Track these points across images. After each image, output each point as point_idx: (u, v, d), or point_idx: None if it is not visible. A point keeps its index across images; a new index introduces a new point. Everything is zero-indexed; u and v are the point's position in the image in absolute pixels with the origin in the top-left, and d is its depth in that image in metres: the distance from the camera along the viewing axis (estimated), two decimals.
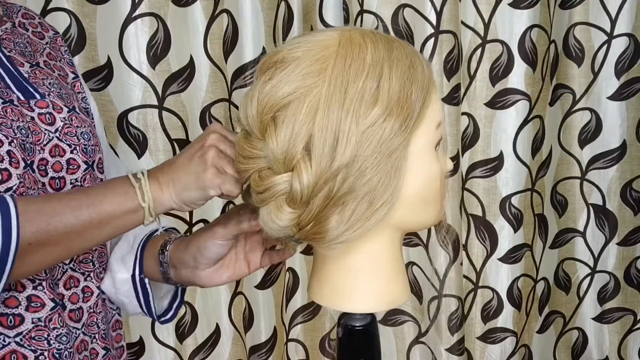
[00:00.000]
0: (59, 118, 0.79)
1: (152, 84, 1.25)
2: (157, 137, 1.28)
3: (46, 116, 0.78)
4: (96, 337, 0.83)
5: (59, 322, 0.77)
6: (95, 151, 0.83)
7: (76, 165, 0.80)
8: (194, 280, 0.83)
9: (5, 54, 0.79)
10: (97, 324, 0.83)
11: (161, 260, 0.84)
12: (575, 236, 1.62)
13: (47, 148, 0.77)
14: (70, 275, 0.80)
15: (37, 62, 0.83)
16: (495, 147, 1.47)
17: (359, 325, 0.77)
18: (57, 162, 0.78)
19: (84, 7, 1.21)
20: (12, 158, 0.72)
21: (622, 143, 1.53)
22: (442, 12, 1.34)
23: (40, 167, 0.76)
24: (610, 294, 1.64)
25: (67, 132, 0.80)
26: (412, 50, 0.71)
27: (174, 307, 0.92)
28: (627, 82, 1.49)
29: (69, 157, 0.79)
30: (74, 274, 0.80)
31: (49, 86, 0.81)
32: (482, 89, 1.44)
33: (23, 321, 0.74)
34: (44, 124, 0.77)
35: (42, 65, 0.83)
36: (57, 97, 0.81)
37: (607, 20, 1.46)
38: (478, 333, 1.58)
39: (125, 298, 0.86)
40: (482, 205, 1.50)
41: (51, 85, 0.82)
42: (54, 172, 0.78)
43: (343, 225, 0.67)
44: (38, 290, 0.75)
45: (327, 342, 1.56)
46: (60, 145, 0.78)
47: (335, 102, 0.64)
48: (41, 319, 0.75)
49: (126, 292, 0.86)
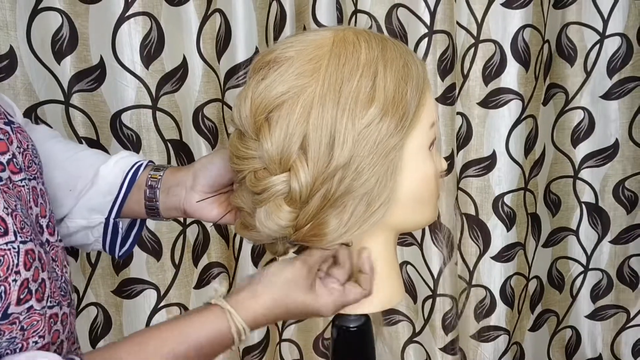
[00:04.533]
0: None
1: (146, 84, 1.25)
2: (150, 137, 1.28)
3: None
4: None
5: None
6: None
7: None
8: (184, 205, 0.79)
9: None
10: None
11: (152, 184, 0.80)
12: (569, 235, 1.62)
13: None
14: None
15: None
16: (488, 146, 1.47)
17: (353, 326, 0.77)
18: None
19: (75, 7, 1.20)
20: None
21: (615, 142, 1.54)
22: (435, 12, 1.34)
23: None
24: (603, 292, 1.65)
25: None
26: (406, 49, 0.70)
27: (131, 236, 0.87)
28: (620, 82, 1.50)
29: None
30: None
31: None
32: (475, 88, 1.45)
33: None
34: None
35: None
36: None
37: (600, 20, 1.46)
38: (471, 331, 1.58)
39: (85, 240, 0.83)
40: (475, 204, 1.50)
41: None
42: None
43: (342, 227, 0.67)
44: None
45: (321, 342, 1.56)
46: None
47: (330, 101, 0.64)
48: None
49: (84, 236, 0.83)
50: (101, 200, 0.82)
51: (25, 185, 0.69)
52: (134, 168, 0.82)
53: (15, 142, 0.70)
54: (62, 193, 0.82)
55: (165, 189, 0.80)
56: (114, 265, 1.35)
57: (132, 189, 0.81)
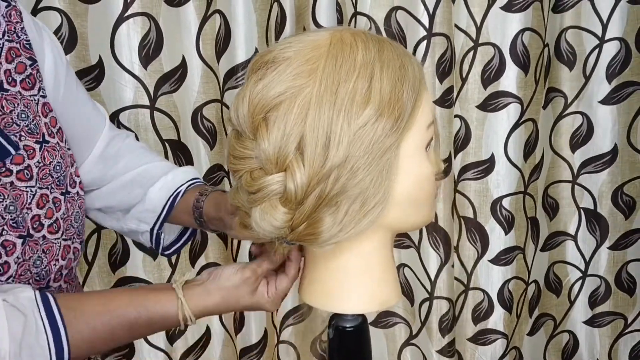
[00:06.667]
0: (33, 165, 0.78)
1: (144, 84, 1.25)
2: (148, 137, 1.28)
3: (24, 172, 0.77)
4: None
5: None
6: (66, 175, 0.83)
7: (58, 202, 0.81)
8: (226, 230, 0.91)
9: None
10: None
11: (195, 217, 0.92)
12: (566, 239, 1.62)
13: (33, 204, 0.77)
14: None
15: (0, 80, 0.77)
16: (487, 149, 1.47)
17: (350, 326, 0.77)
18: (48, 209, 0.79)
19: (75, 7, 1.21)
20: (7, 247, 0.74)
21: (614, 147, 1.54)
22: (435, 15, 1.34)
23: (35, 224, 0.77)
24: (601, 298, 1.65)
25: (43, 177, 0.79)
26: (403, 50, 0.71)
27: (182, 240, 1.01)
28: (619, 86, 1.50)
29: (52, 197, 0.80)
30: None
31: (18, 122, 0.77)
32: (474, 91, 1.45)
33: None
34: (23, 181, 0.76)
35: (5, 83, 0.77)
36: (28, 134, 0.78)
37: (599, 25, 1.46)
38: (469, 334, 1.58)
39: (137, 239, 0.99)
40: (473, 207, 1.50)
41: (20, 118, 0.78)
42: (48, 220, 0.79)
43: (336, 226, 0.67)
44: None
45: (318, 344, 1.56)
46: (43, 192, 0.79)
47: (326, 102, 0.64)
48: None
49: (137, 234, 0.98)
50: (147, 215, 0.96)
51: (28, 191, 0.77)
52: (175, 193, 0.95)
53: (36, 157, 0.79)
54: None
55: (208, 219, 0.92)
56: (110, 263, 1.35)
57: (180, 204, 0.94)
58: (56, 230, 0.80)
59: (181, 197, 0.94)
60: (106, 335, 0.73)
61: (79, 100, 0.91)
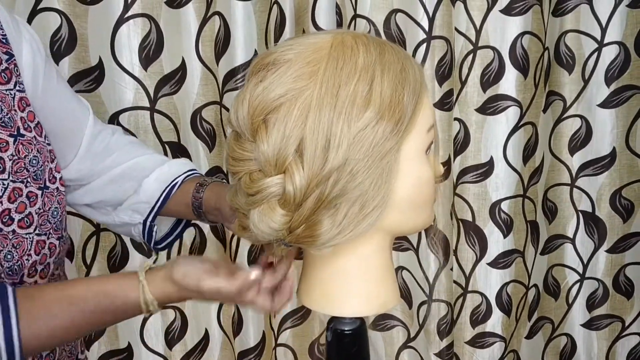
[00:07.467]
0: (6, 158, 0.78)
1: (144, 85, 1.25)
2: (148, 139, 1.28)
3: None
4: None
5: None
6: (44, 169, 0.82)
7: (34, 196, 0.81)
8: (223, 222, 0.91)
9: None
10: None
11: (194, 207, 0.92)
12: (565, 242, 1.62)
13: (4, 198, 0.77)
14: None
15: None
16: (486, 152, 1.47)
17: (348, 329, 0.77)
18: (20, 204, 0.79)
19: (75, 8, 1.21)
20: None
21: (612, 150, 1.54)
22: (434, 18, 1.34)
23: (4, 218, 0.77)
24: (599, 301, 1.65)
25: (18, 170, 0.79)
26: (404, 53, 0.71)
27: (175, 233, 1.01)
28: (618, 90, 1.50)
29: (27, 191, 0.80)
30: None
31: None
32: (474, 94, 1.45)
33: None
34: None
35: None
36: (1, 127, 0.78)
37: (598, 28, 1.47)
38: (467, 338, 1.58)
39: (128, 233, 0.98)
40: (472, 210, 1.50)
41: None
42: (19, 214, 0.79)
43: (335, 228, 0.67)
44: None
45: (317, 347, 1.56)
46: (17, 186, 0.78)
47: (327, 104, 0.64)
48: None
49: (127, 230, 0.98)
50: (141, 206, 0.95)
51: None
52: (171, 184, 0.94)
53: (10, 150, 0.78)
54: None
55: (207, 211, 0.92)
56: (109, 266, 1.35)
57: (176, 195, 0.94)
58: (28, 225, 0.80)
59: (178, 188, 0.94)
60: (66, 322, 0.72)
61: (59, 93, 0.90)
